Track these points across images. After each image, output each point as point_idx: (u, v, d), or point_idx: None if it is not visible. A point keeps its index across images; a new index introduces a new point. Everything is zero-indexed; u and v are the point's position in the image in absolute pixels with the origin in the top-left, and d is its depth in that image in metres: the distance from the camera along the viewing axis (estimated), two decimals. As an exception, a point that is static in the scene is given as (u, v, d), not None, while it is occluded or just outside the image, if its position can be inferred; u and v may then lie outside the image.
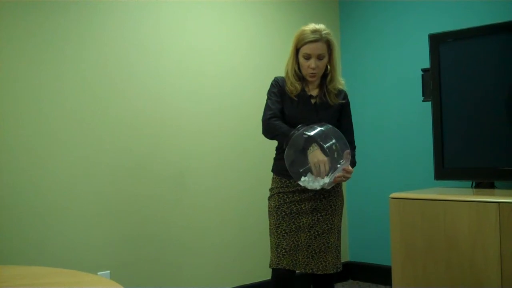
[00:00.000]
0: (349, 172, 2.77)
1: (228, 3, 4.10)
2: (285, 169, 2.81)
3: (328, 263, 2.87)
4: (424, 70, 4.06)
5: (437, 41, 3.66)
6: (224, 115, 4.06)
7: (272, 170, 3.02)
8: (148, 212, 3.64)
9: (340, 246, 2.96)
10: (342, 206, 2.99)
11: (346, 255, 4.76)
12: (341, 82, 3.00)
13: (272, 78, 3.00)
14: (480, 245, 3.04)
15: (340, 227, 2.97)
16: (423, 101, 4.11)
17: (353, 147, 2.98)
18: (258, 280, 4.15)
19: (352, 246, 4.78)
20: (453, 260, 3.14)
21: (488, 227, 3.01)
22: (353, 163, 2.89)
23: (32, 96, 3.20)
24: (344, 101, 2.99)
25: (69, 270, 2.03)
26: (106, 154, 3.47)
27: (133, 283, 3.54)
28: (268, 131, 2.89)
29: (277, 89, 2.94)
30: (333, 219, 2.91)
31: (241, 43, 4.18)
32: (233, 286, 4.06)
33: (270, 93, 2.97)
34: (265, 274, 3.93)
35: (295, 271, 2.92)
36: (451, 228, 3.14)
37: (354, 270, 4.74)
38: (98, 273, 3.40)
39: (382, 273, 4.44)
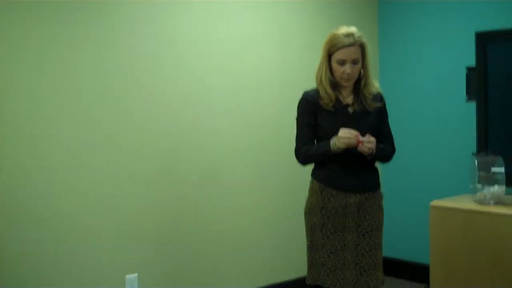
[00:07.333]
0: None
1: (267, 3, 3.97)
2: (332, 177, 2.77)
3: (378, 280, 2.78)
4: (469, 69, 3.86)
5: (484, 39, 3.46)
6: (258, 112, 3.94)
7: (315, 176, 2.87)
8: (178, 214, 3.56)
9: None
10: (383, 220, 2.89)
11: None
12: (376, 85, 2.86)
13: (307, 78, 2.86)
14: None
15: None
16: (467, 101, 3.92)
17: (393, 150, 2.91)
18: (292, 278, 4.09)
19: (386, 241, 4.62)
20: (498, 279, 2.96)
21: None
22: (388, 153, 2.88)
23: (49, 97, 3.09)
24: (381, 104, 2.86)
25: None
26: (134, 155, 3.38)
27: (162, 286, 3.48)
28: (305, 161, 2.86)
29: (307, 108, 2.81)
30: (378, 234, 2.81)
31: (278, 43, 4.04)
32: (267, 284, 4.00)
33: (298, 115, 2.86)
34: (300, 271, 3.91)
35: None
36: (498, 243, 2.96)
37: (388, 266, 4.59)
38: (126, 276, 3.34)
39: (417, 271, 4.30)
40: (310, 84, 2.90)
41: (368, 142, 2.65)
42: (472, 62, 3.76)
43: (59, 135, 3.11)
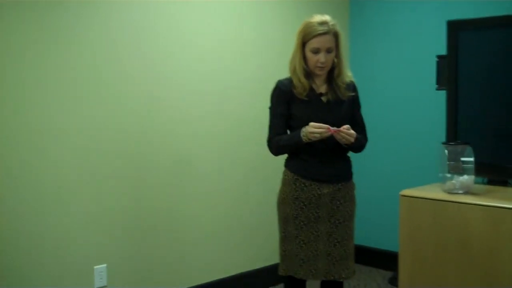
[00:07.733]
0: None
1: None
2: (305, 168, 2.74)
3: (350, 269, 2.81)
4: (439, 57, 3.86)
5: (455, 28, 3.45)
6: (226, 99, 3.90)
7: (288, 167, 2.85)
8: (147, 204, 3.52)
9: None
10: (355, 210, 2.90)
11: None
12: (349, 74, 2.86)
13: (276, 69, 2.84)
14: (495, 251, 2.89)
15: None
16: (437, 89, 3.92)
17: (366, 139, 2.93)
18: (264, 265, 4.11)
19: (355, 230, 4.64)
20: (464, 266, 2.99)
21: (503, 233, 2.86)
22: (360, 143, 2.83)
23: (34, 89, 3.02)
24: (354, 94, 2.86)
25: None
26: (104, 145, 3.31)
27: (131, 277, 3.45)
28: (277, 151, 2.83)
29: (281, 97, 2.79)
30: (350, 224, 2.83)
31: (248, 38, 4.01)
32: (237, 273, 4.00)
33: (271, 105, 2.84)
34: (269, 259, 3.97)
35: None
36: (466, 232, 2.98)
37: (356, 254, 4.61)
38: (95, 267, 3.29)
39: (384, 258, 4.32)
40: (283, 74, 2.89)
41: (347, 135, 2.63)
42: (441, 50, 3.76)
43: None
